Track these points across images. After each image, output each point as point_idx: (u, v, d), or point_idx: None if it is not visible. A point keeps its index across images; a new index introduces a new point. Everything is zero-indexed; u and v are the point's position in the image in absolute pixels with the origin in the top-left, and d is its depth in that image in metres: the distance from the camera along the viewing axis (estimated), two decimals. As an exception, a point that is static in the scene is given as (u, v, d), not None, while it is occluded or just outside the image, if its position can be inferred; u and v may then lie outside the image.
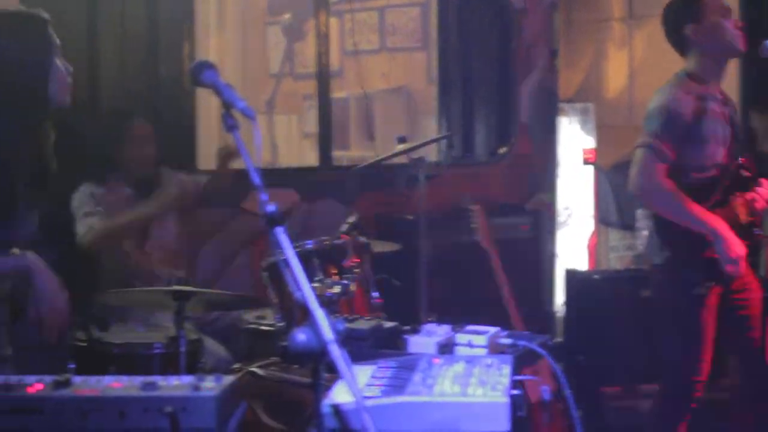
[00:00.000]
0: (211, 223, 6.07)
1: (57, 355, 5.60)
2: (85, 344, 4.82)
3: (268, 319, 4.96)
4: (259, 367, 4.41)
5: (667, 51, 5.17)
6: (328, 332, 2.41)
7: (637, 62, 8.12)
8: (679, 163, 4.77)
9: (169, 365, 4.69)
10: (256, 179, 2.65)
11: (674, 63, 5.11)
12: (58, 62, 3.59)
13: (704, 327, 4.87)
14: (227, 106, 2.77)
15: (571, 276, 7.19)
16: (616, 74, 8.22)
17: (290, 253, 2.53)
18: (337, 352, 2.39)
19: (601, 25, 8.27)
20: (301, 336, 2.42)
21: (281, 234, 2.56)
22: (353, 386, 2.36)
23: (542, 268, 7.61)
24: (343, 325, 2.45)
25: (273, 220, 2.56)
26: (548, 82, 7.75)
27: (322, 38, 6.85)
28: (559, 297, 7.54)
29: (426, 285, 5.83)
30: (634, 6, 8.19)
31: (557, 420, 5.82)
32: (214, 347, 5.19)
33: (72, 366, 4.66)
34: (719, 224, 4.72)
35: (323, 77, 6.91)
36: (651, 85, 5.28)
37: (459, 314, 3.93)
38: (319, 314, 2.43)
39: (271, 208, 2.57)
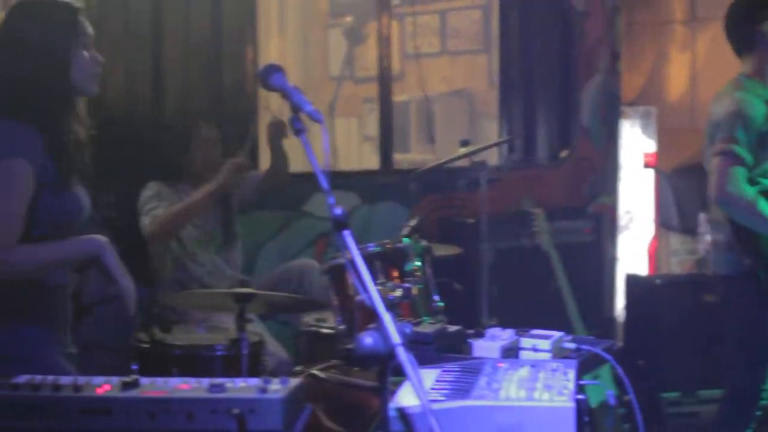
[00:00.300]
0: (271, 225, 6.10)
1: (120, 355, 5.68)
2: (147, 345, 4.87)
3: (328, 322, 4.97)
4: (320, 369, 4.42)
5: (729, 54, 5.13)
6: (395, 335, 2.41)
7: (699, 65, 8.06)
8: (751, 169, 4.71)
9: (230, 367, 4.71)
10: (324, 183, 2.66)
11: (737, 66, 5.07)
12: (86, 52, 3.62)
13: None
14: (295, 109, 2.78)
15: (632, 280, 7.17)
16: (678, 77, 8.16)
17: (357, 256, 2.54)
18: (404, 356, 2.40)
19: (664, 28, 8.22)
20: (368, 339, 2.43)
21: (348, 236, 2.57)
22: (420, 390, 2.36)
23: (603, 272, 7.59)
24: (410, 329, 2.46)
25: (340, 223, 2.57)
26: (610, 84, 7.72)
27: (384, 41, 6.86)
28: (620, 301, 7.52)
29: (487, 289, 5.83)
30: (697, 8, 8.13)
31: (618, 425, 5.82)
32: (275, 349, 5.22)
33: (135, 367, 4.74)
34: None
35: (385, 80, 6.92)
36: (713, 89, 5.24)
37: (519, 318, 3.92)
38: (386, 317, 2.44)
39: (338, 211, 2.58)
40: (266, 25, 7.83)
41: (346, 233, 2.57)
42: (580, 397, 2.73)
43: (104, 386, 2.70)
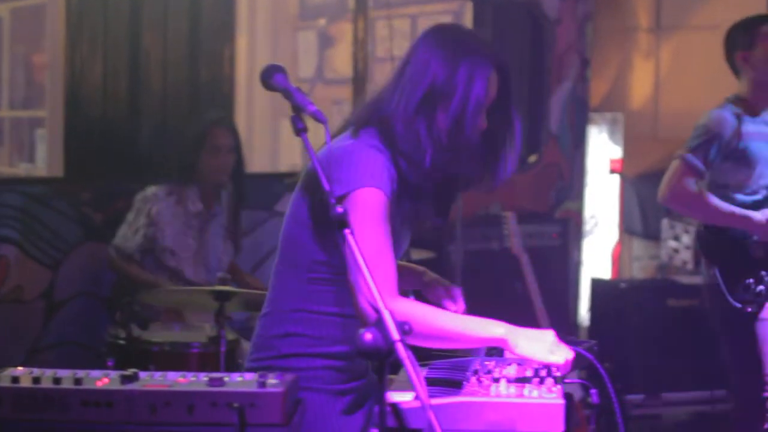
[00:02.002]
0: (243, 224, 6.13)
1: (92, 352, 5.72)
2: (124, 342, 4.91)
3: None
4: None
5: (693, 63, 5.25)
6: (394, 332, 2.47)
7: (663, 73, 8.16)
8: (723, 183, 4.94)
9: (207, 364, 4.77)
10: (325, 184, 2.71)
11: (700, 75, 5.18)
12: None
13: (761, 341, 4.89)
14: (297, 109, 2.82)
15: (597, 284, 7.26)
16: (642, 85, 8.26)
17: (358, 255, 2.59)
18: (403, 352, 2.45)
19: (628, 35, 8.31)
20: (368, 335, 2.48)
21: (349, 236, 2.62)
22: (418, 385, 2.41)
23: (569, 276, 7.67)
24: (409, 326, 2.51)
25: (341, 222, 2.62)
26: (579, 91, 7.80)
27: (359, 44, 6.91)
28: (584, 305, 7.61)
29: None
30: (662, 16, 8.22)
31: (583, 424, 5.90)
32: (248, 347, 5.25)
33: (111, 363, 4.78)
34: (748, 212, 4.87)
35: (359, 83, 6.96)
36: (677, 97, 5.36)
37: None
38: (386, 314, 2.49)
39: (339, 210, 2.62)
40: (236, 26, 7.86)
41: (347, 232, 2.62)
42: (568, 394, 2.80)
43: (103, 379, 2.74)
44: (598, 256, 7.96)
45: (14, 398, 2.65)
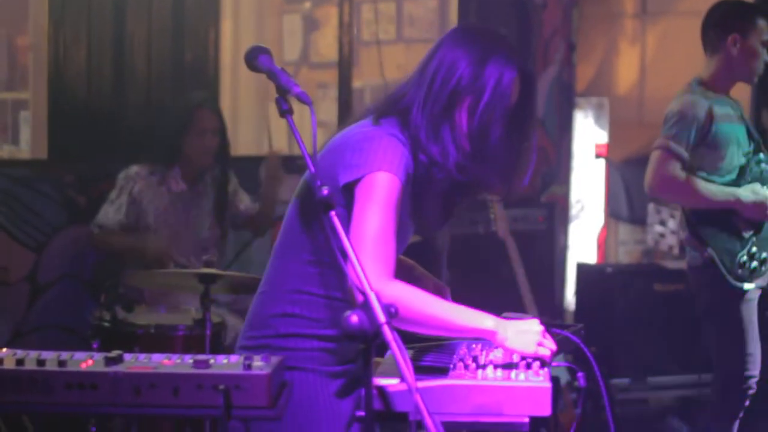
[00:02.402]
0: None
1: (75, 335, 5.70)
2: (108, 325, 4.89)
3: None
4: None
5: (678, 49, 5.26)
6: (380, 314, 2.45)
7: (649, 59, 8.16)
8: (698, 167, 4.95)
9: (192, 347, 4.75)
10: (311, 165, 2.69)
11: (685, 61, 5.19)
12: None
13: (746, 322, 4.97)
14: (282, 91, 2.81)
15: (583, 268, 7.26)
16: (627, 70, 8.26)
17: (343, 237, 2.58)
18: (389, 335, 2.44)
19: (614, 21, 8.31)
20: (354, 318, 2.46)
21: (334, 218, 2.61)
22: (405, 369, 2.40)
23: (555, 260, 7.67)
24: (395, 308, 2.50)
25: (326, 205, 2.61)
26: (565, 76, 7.80)
27: (345, 27, 6.88)
28: (570, 289, 7.61)
29: (445, 275, 5.90)
30: (648, 2, 8.23)
31: (569, 407, 5.91)
32: (237, 325, 5.23)
33: (96, 346, 4.76)
34: (736, 191, 4.91)
35: (344, 66, 6.94)
36: (662, 82, 5.38)
37: (476, 304, 3.97)
38: (372, 296, 2.48)
39: (324, 192, 2.61)
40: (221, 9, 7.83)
41: (332, 214, 2.61)
42: (555, 377, 2.80)
43: (88, 361, 2.72)
44: (584, 240, 7.96)
45: (-2, 380, 2.64)
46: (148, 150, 5.80)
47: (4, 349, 2.81)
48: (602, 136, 7.91)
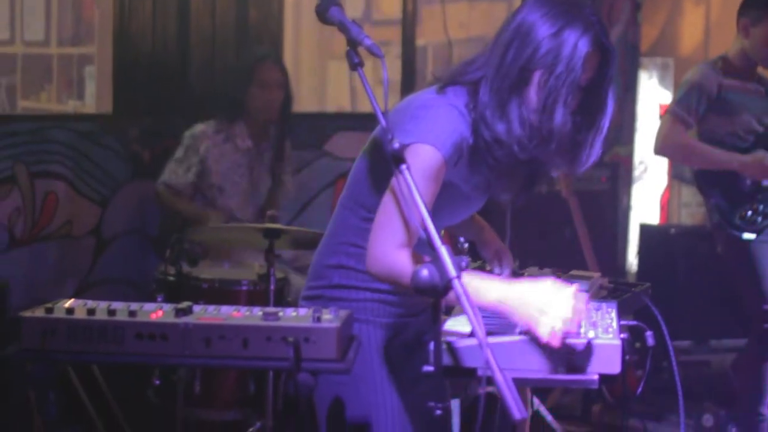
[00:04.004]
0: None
1: (140, 289, 5.75)
2: (173, 279, 4.92)
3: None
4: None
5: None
6: (451, 268, 2.44)
7: (713, 19, 8.07)
8: (711, 134, 5.37)
9: (255, 302, 4.77)
10: (382, 119, 2.67)
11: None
12: None
13: (760, 264, 5.31)
14: (353, 44, 2.78)
15: (646, 230, 7.21)
16: (692, 31, 8.17)
17: (415, 192, 2.56)
18: (460, 289, 2.43)
19: (679, -20, 8.23)
20: (424, 272, 2.46)
21: (405, 171, 2.59)
22: (476, 323, 2.39)
23: (617, 221, 7.63)
24: (466, 262, 2.49)
25: (397, 158, 2.59)
26: (630, 35, 7.72)
27: (409, -16, 6.86)
28: (633, 250, 7.57)
29: (508, 233, 5.87)
30: (714, -38, 8.15)
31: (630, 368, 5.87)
32: (298, 282, 5.25)
33: (160, 299, 4.79)
34: (738, 156, 5.27)
35: (408, 24, 6.91)
36: (726, 43, 5.42)
37: (539, 264, 3.95)
38: (443, 250, 2.47)
39: (395, 145, 2.59)
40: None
41: (403, 168, 2.59)
42: (624, 336, 2.77)
43: (158, 312, 2.73)
44: (647, 201, 7.90)
45: (69, 329, 2.65)
46: (213, 106, 5.82)
47: (72, 300, 2.82)
48: (666, 97, 7.83)
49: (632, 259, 7.53)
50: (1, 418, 4.86)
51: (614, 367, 2.68)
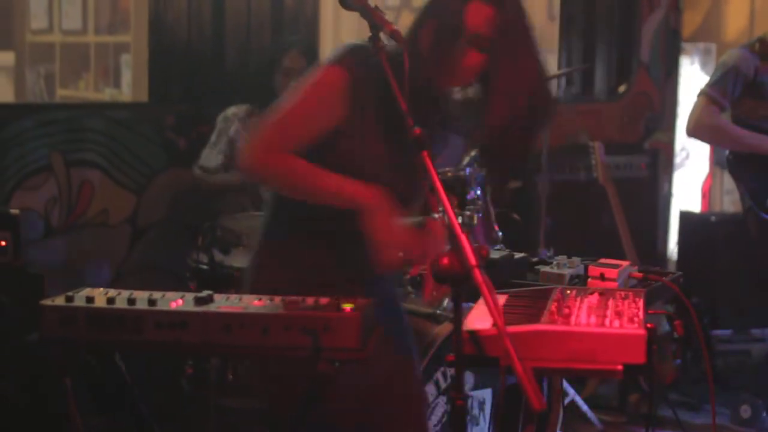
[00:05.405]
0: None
1: (174, 276, 5.74)
2: (206, 267, 4.91)
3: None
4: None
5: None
6: (472, 257, 2.42)
7: (758, 5, 7.97)
8: (744, 118, 5.43)
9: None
10: (402, 105, 2.65)
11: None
12: None
13: None
14: (375, 29, 2.76)
15: (686, 217, 7.13)
16: (736, 16, 8.07)
17: (435, 177, 2.54)
18: (480, 278, 2.40)
19: (725, -35, 8.13)
20: (444, 260, 2.44)
21: (426, 158, 2.57)
22: (496, 312, 2.36)
23: (658, 208, 7.56)
24: (487, 250, 2.46)
25: (420, 144, 2.58)
26: (672, 20, 7.64)
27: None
28: (673, 237, 7.50)
29: (544, 220, 5.84)
30: (759, -54, 8.04)
31: (669, 358, 5.82)
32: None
33: (193, 288, 4.78)
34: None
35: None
36: (771, 29, 5.39)
37: (574, 250, 3.91)
38: (463, 239, 2.44)
39: (417, 131, 2.58)
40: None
41: (424, 154, 2.57)
42: (649, 325, 2.72)
43: (178, 300, 2.72)
44: (688, 188, 7.82)
45: (88, 318, 2.64)
46: (248, 93, 5.81)
47: (101, 289, 2.81)
48: (708, 83, 7.74)
49: (672, 247, 7.45)
50: (34, 405, 4.87)
51: (639, 357, 2.63)
